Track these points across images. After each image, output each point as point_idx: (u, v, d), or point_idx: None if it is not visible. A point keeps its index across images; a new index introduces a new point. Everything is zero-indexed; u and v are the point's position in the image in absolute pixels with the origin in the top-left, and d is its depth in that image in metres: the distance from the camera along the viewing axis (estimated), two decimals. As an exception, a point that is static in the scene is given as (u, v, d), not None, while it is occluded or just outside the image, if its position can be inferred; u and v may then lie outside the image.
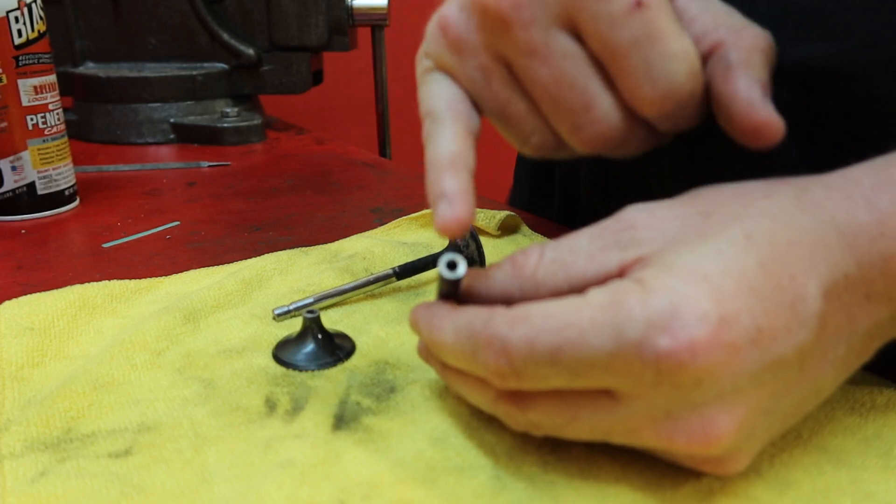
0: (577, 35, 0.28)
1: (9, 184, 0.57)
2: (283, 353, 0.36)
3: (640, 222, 0.26)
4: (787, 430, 0.27)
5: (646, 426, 0.24)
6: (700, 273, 0.23)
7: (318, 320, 0.36)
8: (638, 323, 0.23)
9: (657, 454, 0.26)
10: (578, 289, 0.25)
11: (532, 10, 0.28)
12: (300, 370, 0.35)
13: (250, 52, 0.85)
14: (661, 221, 0.26)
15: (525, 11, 0.28)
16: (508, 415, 0.27)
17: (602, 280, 0.25)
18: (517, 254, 0.28)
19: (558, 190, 0.59)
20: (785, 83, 0.35)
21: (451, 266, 0.26)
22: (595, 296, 0.24)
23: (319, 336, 0.36)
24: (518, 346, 0.24)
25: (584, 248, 0.26)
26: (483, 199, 0.63)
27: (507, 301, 0.27)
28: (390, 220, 0.53)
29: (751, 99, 0.28)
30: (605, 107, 0.29)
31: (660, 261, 0.24)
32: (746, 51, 0.29)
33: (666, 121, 0.29)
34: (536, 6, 0.28)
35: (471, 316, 0.27)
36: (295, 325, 0.38)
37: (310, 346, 0.35)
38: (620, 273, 0.25)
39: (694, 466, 0.26)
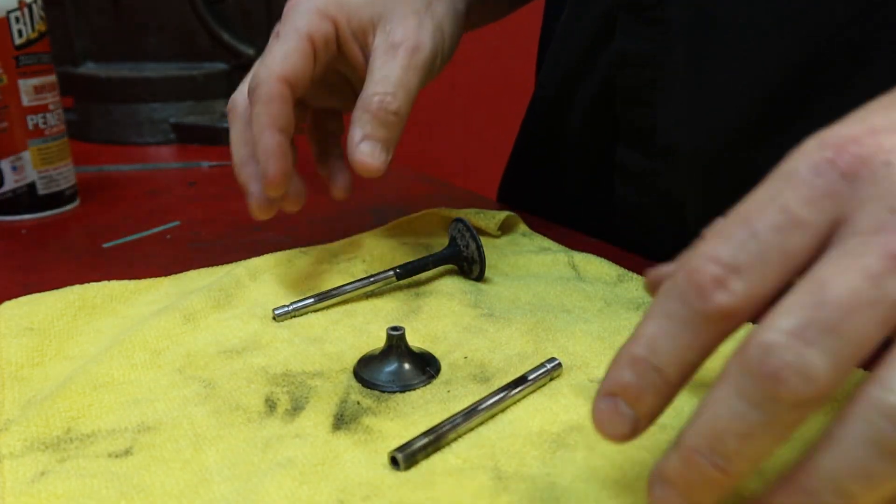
0: None
1: (9, 184, 0.57)
2: (365, 371, 0.34)
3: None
4: None
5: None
6: (863, 121, 0.22)
7: (403, 337, 0.34)
8: (800, 158, 0.22)
9: None
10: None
11: None
12: (383, 391, 0.33)
13: (250, 52, 0.85)
14: None
15: None
16: None
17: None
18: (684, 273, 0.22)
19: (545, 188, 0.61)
20: None
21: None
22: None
23: (406, 355, 0.34)
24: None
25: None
26: (483, 198, 0.63)
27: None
28: (390, 220, 0.53)
29: (351, 144, 0.40)
30: None
31: None
32: (359, 111, 0.40)
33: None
34: None
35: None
36: (292, 325, 0.38)
37: (394, 365, 0.34)
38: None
39: None
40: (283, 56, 0.40)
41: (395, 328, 0.34)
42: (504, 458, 0.28)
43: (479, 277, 0.44)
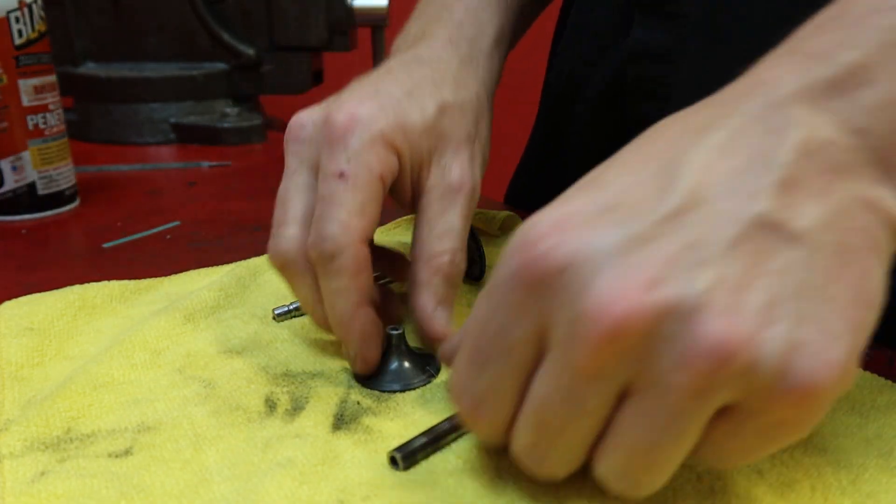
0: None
1: (9, 184, 0.57)
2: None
3: None
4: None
5: (571, 335, 0.21)
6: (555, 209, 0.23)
7: (403, 337, 0.34)
8: (503, 265, 0.23)
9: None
10: None
11: None
12: (383, 391, 0.33)
13: (250, 52, 0.85)
14: None
15: None
16: None
17: None
18: None
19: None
20: None
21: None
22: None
23: (406, 354, 0.34)
24: None
25: None
26: (484, 198, 0.63)
27: None
28: (390, 221, 0.53)
29: (425, 313, 0.35)
30: None
31: None
32: (429, 271, 0.35)
33: None
34: None
35: None
36: (292, 325, 0.38)
37: (394, 365, 0.34)
38: None
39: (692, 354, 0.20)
40: (359, 209, 0.33)
41: (395, 328, 0.34)
42: (504, 458, 0.28)
43: (479, 277, 0.44)
